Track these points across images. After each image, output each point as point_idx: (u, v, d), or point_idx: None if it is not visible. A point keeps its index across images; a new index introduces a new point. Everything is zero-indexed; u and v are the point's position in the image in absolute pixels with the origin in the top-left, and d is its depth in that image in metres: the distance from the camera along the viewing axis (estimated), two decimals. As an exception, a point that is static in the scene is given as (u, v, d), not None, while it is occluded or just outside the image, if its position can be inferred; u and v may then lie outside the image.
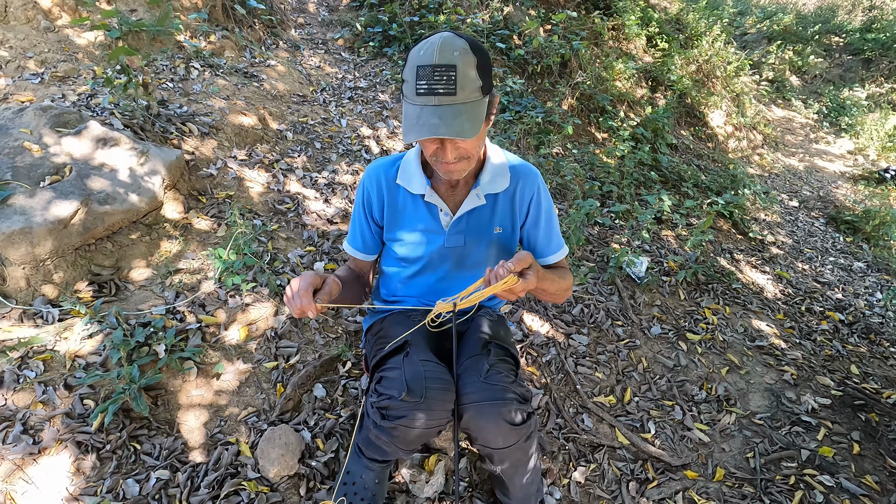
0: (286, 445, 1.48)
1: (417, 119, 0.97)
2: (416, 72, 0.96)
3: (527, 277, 1.04)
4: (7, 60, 2.60)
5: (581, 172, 3.62)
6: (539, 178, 1.33)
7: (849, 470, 1.85)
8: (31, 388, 1.49)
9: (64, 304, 1.71)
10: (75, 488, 1.31)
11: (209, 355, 1.75)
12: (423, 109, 0.97)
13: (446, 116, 0.96)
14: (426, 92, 0.96)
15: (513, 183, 1.30)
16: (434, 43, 0.96)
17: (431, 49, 0.95)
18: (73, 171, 1.91)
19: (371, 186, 1.30)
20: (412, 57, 0.99)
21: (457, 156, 1.06)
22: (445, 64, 0.94)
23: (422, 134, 0.96)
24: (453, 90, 0.95)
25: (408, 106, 1.01)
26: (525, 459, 1.26)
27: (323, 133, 3.23)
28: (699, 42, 6.28)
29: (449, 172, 1.11)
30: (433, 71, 0.94)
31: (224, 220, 2.25)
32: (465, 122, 0.97)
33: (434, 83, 0.95)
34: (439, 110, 0.96)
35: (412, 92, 0.98)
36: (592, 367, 2.15)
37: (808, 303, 3.09)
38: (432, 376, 1.14)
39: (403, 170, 1.28)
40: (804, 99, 8.71)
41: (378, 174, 1.30)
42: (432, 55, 0.95)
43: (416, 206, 1.29)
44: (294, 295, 1.05)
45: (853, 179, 6.36)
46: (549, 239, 1.36)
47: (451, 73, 0.94)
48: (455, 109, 0.96)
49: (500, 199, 1.30)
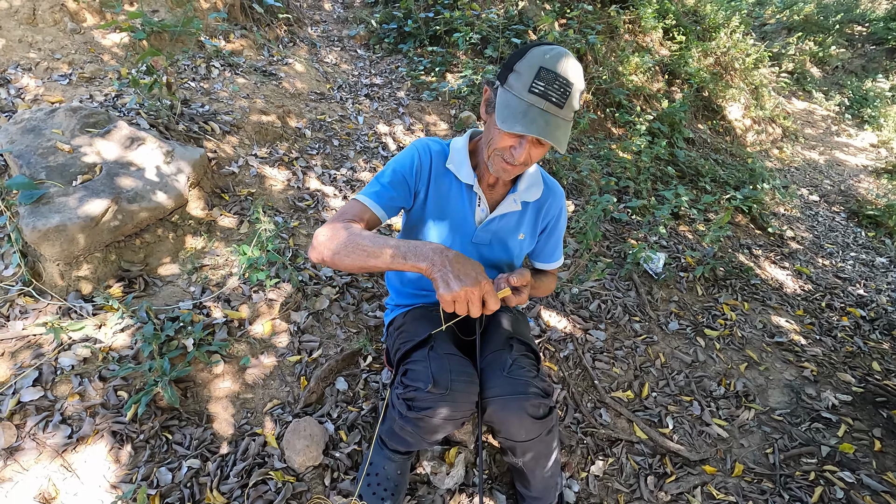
0: (311, 437, 1.52)
1: (525, 114, 1.00)
2: (539, 72, 0.99)
3: (521, 293, 1.12)
4: (36, 62, 2.67)
5: (597, 168, 3.61)
6: (564, 198, 1.42)
7: (870, 466, 1.84)
8: (67, 379, 1.55)
9: (97, 300, 1.77)
10: (113, 476, 1.37)
11: (235, 349, 1.80)
12: (531, 107, 1.01)
13: (551, 123, 1.01)
14: (541, 94, 1.00)
15: (544, 196, 1.36)
16: (561, 53, 1.01)
17: (558, 57, 1.00)
18: (103, 170, 1.97)
19: (425, 157, 1.29)
20: (535, 55, 1.01)
21: (525, 160, 1.10)
22: (566, 78, 1.00)
23: (528, 129, 1.00)
24: (562, 104, 1.01)
25: (511, 97, 1.03)
26: (547, 452, 1.29)
27: (340, 130, 3.27)
28: (717, 34, 6.19)
29: (504, 171, 1.14)
30: (556, 78, 0.99)
31: (246, 217, 2.30)
32: (562, 136, 1.03)
33: (551, 91, 0.99)
34: (546, 115, 1.00)
35: (524, 87, 1.00)
36: (610, 363, 2.16)
37: (829, 299, 3.06)
38: (457, 369, 1.17)
39: (453, 156, 1.29)
40: (825, 90, 8.54)
41: (432, 151, 1.30)
42: (558, 65, 1.00)
43: (461, 194, 1.31)
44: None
45: (876, 173, 6.23)
46: (554, 250, 1.48)
47: (567, 89, 1.00)
48: (557, 121, 1.02)
49: (530, 208, 1.36)
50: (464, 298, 0.90)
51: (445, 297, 0.89)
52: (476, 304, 0.90)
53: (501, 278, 1.13)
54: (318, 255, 1.08)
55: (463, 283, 0.88)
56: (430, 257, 0.94)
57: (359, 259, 1.01)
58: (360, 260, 1.01)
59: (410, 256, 0.95)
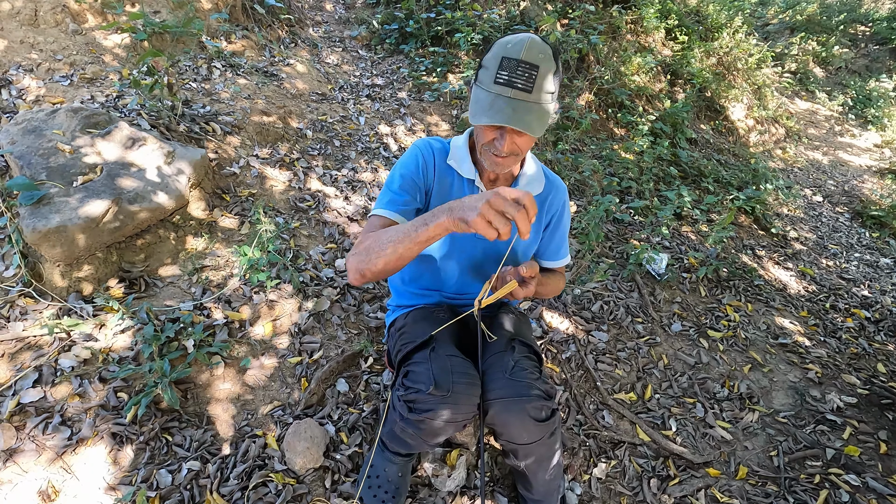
0: (311, 439, 1.51)
1: (491, 105, 1.02)
2: (501, 62, 1.00)
3: (528, 285, 1.13)
4: (38, 63, 2.67)
5: (599, 168, 3.60)
6: (566, 193, 1.41)
7: (875, 469, 1.82)
8: (67, 381, 1.55)
9: (97, 301, 1.76)
10: (112, 478, 1.36)
11: (236, 350, 1.79)
12: (497, 98, 1.01)
13: (519, 110, 1.00)
14: (505, 83, 1.00)
15: (546, 190, 1.36)
16: (523, 40, 1.01)
17: (520, 45, 1.00)
18: (104, 171, 1.96)
19: (428, 156, 1.30)
20: (498, 47, 1.03)
21: (510, 150, 1.10)
22: (530, 62, 0.99)
23: (494, 119, 1.00)
24: (530, 88, 1.00)
25: (481, 91, 1.05)
26: (549, 455, 1.27)
27: (342, 131, 3.27)
28: (719, 34, 6.16)
29: (496, 164, 1.15)
30: (518, 65, 0.99)
31: (247, 218, 2.30)
32: (535, 121, 1.02)
33: (515, 77, 0.99)
34: (513, 103, 1.00)
35: (490, 79, 1.02)
36: (612, 364, 2.15)
37: (833, 300, 3.04)
38: (459, 371, 1.16)
39: (453, 153, 1.31)
40: (828, 91, 8.50)
41: (434, 149, 1.32)
42: (520, 51, 1.00)
43: (462, 189, 1.32)
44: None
45: (880, 173, 6.20)
46: (560, 247, 1.47)
47: (532, 73, 0.99)
48: (527, 106, 1.01)
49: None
50: (490, 211, 0.84)
51: (478, 221, 0.84)
52: (505, 205, 0.83)
53: (508, 270, 1.14)
54: (356, 275, 1.10)
55: (479, 202, 0.86)
56: (443, 210, 0.94)
57: (389, 252, 1.02)
58: (390, 252, 1.01)
59: (430, 221, 0.95)
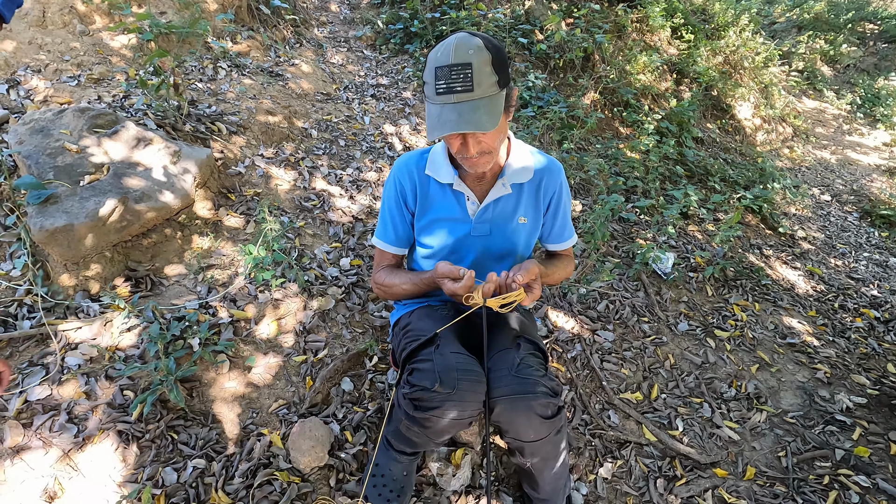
0: (316, 437, 1.51)
1: (438, 117, 1.03)
2: (435, 73, 1.02)
3: (532, 290, 1.16)
4: (46, 64, 2.69)
5: (605, 167, 3.58)
6: (563, 172, 1.39)
7: (886, 471, 1.80)
8: (74, 378, 1.55)
9: (104, 299, 1.77)
10: (118, 475, 1.37)
11: (241, 349, 1.79)
12: (443, 108, 1.03)
13: (465, 112, 1.01)
14: (445, 91, 1.01)
15: (538, 174, 1.34)
16: (450, 44, 1.01)
17: (448, 50, 1.01)
18: (111, 171, 1.97)
19: (403, 178, 1.34)
20: (430, 59, 1.05)
21: (479, 150, 1.11)
22: (461, 63, 0.99)
23: (443, 130, 1.02)
24: (470, 87, 1.00)
25: (430, 106, 1.07)
26: (555, 453, 1.27)
27: (347, 130, 3.27)
28: (726, 32, 6.13)
29: (474, 166, 1.17)
30: (450, 70, 1.00)
31: (252, 217, 2.30)
32: (483, 116, 1.02)
33: (452, 82, 1.00)
34: (458, 107, 1.01)
35: (433, 92, 1.04)
36: (618, 364, 2.14)
37: (842, 299, 3.01)
38: (463, 368, 1.16)
39: (431, 161, 1.33)
40: (836, 89, 8.44)
41: (409, 166, 1.35)
42: (449, 56, 1.00)
43: (445, 194, 1.33)
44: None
45: (889, 172, 6.14)
46: (563, 229, 1.46)
47: (467, 71, 1.00)
48: (473, 105, 1.01)
49: (526, 189, 1.35)
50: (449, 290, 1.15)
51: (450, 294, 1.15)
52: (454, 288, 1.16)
53: (509, 278, 1.15)
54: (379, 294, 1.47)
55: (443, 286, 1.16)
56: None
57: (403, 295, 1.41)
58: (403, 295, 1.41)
59: (430, 283, 1.28)
